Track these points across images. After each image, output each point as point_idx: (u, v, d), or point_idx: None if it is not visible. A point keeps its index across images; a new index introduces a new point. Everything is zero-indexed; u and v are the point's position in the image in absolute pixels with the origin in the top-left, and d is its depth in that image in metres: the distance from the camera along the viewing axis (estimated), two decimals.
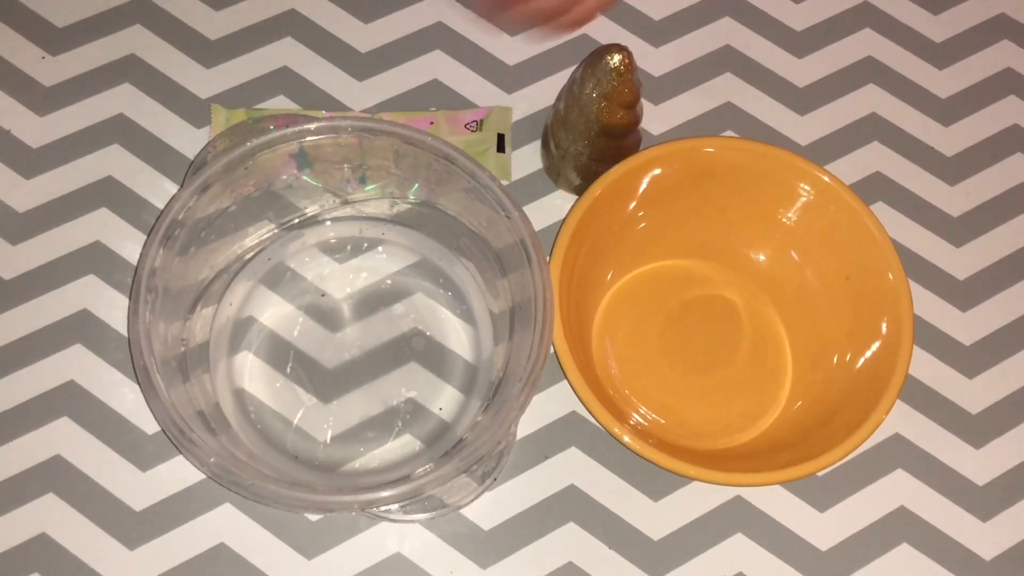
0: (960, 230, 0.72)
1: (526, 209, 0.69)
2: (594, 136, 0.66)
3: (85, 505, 0.63)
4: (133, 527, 0.62)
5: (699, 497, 0.65)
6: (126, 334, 0.65)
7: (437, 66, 0.74)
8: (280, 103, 0.72)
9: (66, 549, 0.62)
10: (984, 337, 0.70)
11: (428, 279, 0.68)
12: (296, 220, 0.68)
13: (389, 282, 0.68)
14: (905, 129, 0.74)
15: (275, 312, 0.67)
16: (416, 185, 0.65)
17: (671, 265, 0.70)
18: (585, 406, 0.59)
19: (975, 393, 0.68)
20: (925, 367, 0.68)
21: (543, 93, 0.74)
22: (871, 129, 0.74)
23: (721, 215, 0.68)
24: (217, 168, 0.60)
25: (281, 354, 0.66)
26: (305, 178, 0.65)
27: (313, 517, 0.63)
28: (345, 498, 0.54)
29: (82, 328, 0.66)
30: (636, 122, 0.68)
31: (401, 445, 0.64)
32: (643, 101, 0.69)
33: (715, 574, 0.63)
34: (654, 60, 0.75)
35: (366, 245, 0.69)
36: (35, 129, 0.71)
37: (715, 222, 0.68)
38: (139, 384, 0.57)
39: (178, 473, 0.63)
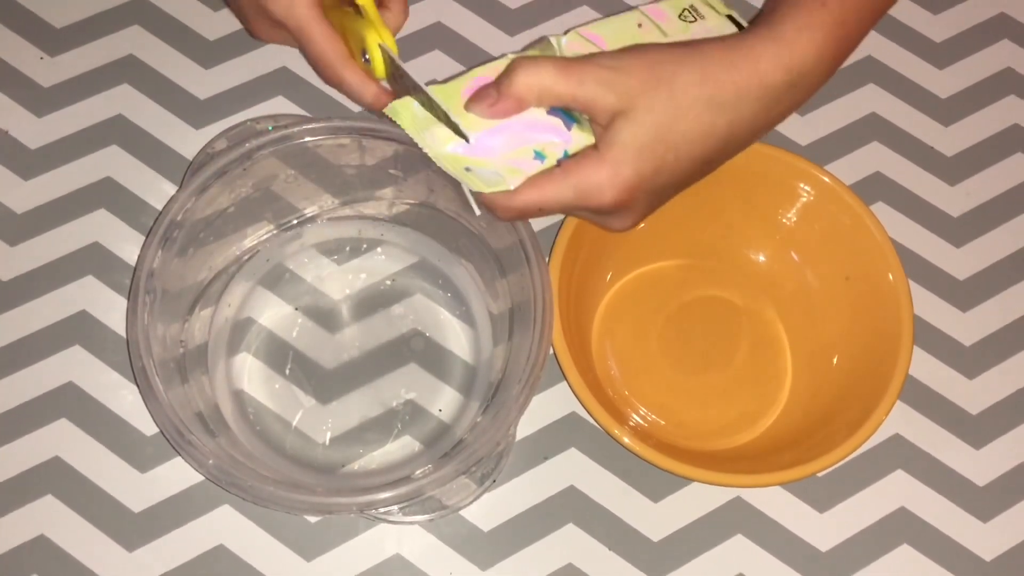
0: (960, 230, 0.72)
1: None
2: None
3: (84, 507, 0.63)
4: (132, 529, 0.62)
5: (699, 498, 0.65)
6: (125, 335, 0.65)
7: (438, 65, 0.74)
8: (279, 104, 0.72)
9: (65, 551, 0.62)
10: (984, 337, 0.69)
11: (427, 280, 0.68)
12: (295, 221, 0.67)
13: (388, 283, 0.68)
14: (905, 129, 0.74)
15: (274, 313, 0.67)
16: (415, 185, 0.65)
17: (671, 266, 0.70)
18: (585, 407, 0.59)
19: (975, 393, 0.68)
20: (925, 367, 0.68)
21: None
22: (871, 129, 0.74)
23: (721, 216, 0.68)
24: (216, 169, 0.60)
25: (280, 355, 0.66)
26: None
27: (312, 519, 0.63)
28: (344, 500, 0.54)
29: (80, 329, 0.66)
30: None
31: (400, 446, 0.64)
32: None
33: (715, 575, 0.63)
34: None
35: (365, 246, 0.69)
36: (33, 130, 0.71)
37: (715, 223, 0.68)
38: (137, 386, 0.57)
39: (177, 475, 0.63)
